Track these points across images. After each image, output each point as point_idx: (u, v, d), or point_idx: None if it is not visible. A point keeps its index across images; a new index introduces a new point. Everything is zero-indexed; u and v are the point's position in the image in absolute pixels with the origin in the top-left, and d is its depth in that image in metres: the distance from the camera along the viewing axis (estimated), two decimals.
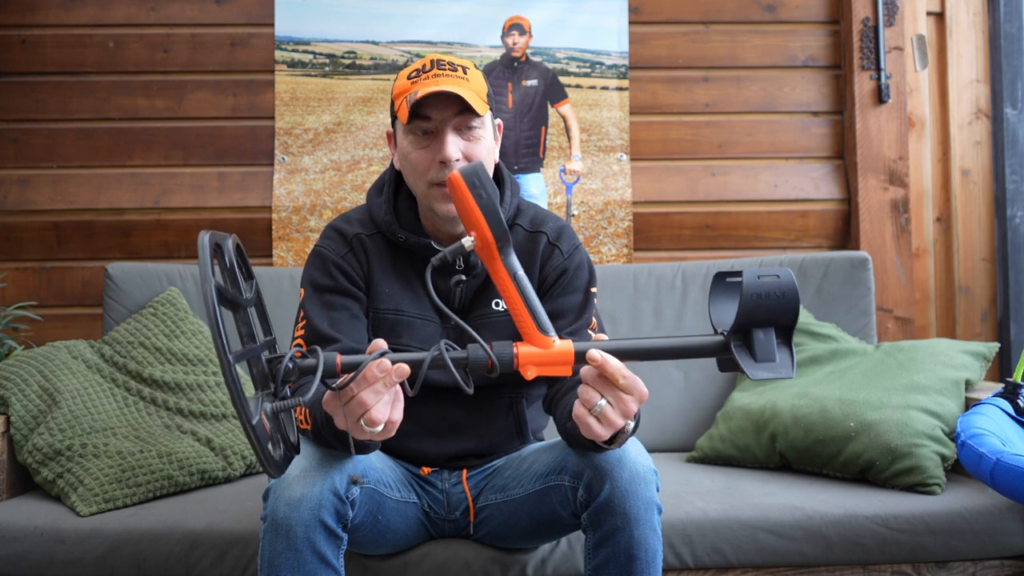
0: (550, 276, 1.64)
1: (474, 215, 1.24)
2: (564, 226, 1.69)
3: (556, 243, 1.66)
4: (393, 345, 1.58)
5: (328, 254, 1.61)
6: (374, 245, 1.63)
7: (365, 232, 1.63)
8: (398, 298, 1.61)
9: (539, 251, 1.65)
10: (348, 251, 1.62)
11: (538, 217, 1.69)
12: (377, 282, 1.61)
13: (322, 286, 1.59)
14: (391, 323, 1.60)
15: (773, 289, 1.18)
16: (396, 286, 1.62)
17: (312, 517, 1.36)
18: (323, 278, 1.60)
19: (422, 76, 1.52)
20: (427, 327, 1.61)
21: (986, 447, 1.64)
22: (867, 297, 2.49)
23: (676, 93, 2.82)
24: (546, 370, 1.25)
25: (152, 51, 2.73)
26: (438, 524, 1.68)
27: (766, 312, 1.19)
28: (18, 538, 1.79)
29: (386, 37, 2.77)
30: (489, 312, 1.62)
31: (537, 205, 1.73)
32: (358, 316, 1.59)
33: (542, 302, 1.59)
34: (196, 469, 2.01)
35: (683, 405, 2.43)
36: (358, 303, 1.60)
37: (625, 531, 1.40)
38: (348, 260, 1.61)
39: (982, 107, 2.91)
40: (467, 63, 1.57)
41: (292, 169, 2.72)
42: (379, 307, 1.61)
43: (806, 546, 1.82)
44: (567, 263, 1.65)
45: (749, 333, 1.22)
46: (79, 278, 2.68)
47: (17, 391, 2.04)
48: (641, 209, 2.76)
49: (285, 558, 1.36)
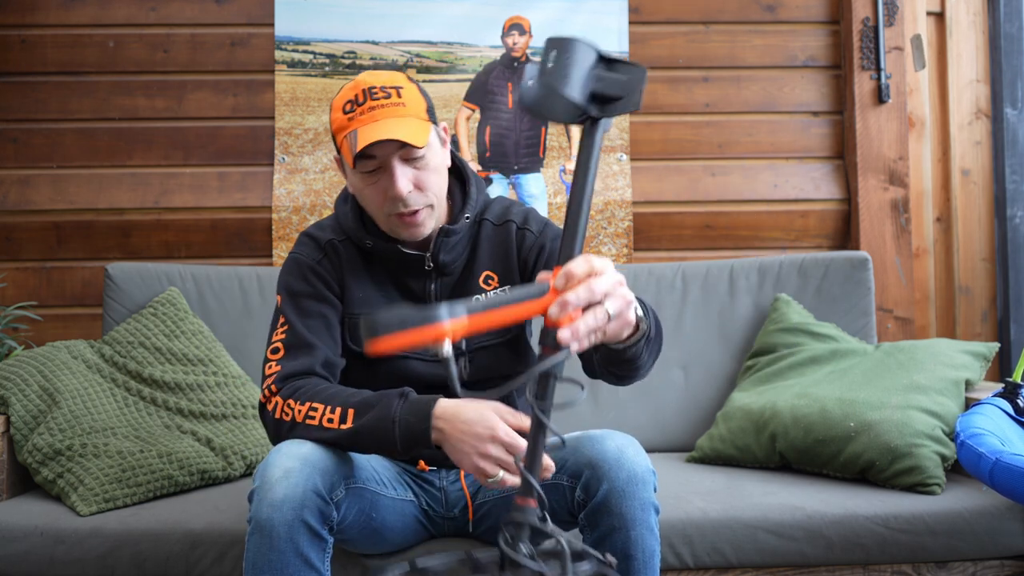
0: (530, 258, 1.66)
1: (418, 342, 1.14)
2: (529, 210, 1.72)
3: (525, 226, 1.68)
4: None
5: (304, 259, 1.63)
6: (346, 251, 1.64)
7: (337, 238, 1.65)
8: (372, 302, 1.63)
9: (512, 239, 1.67)
10: (323, 256, 1.64)
11: (504, 209, 1.71)
12: (351, 287, 1.63)
13: (298, 292, 1.61)
14: None
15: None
16: (369, 291, 1.63)
17: (295, 518, 1.35)
18: (299, 283, 1.61)
19: (357, 111, 1.52)
20: None
21: (985, 447, 1.64)
22: (867, 297, 2.49)
23: (676, 93, 2.82)
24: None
25: (152, 51, 2.73)
26: (437, 522, 1.68)
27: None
28: (18, 538, 1.79)
29: (386, 37, 2.77)
30: None
31: (504, 198, 1.75)
32: (332, 324, 1.61)
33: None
34: (196, 469, 2.01)
35: (683, 405, 2.43)
36: (333, 309, 1.62)
37: (622, 531, 1.40)
38: (323, 265, 1.63)
39: (982, 107, 2.91)
40: (400, 81, 1.55)
41: (292, 169, 2.72)
42: (354, 312, 1.62)
43: (806, 546, 1.82)
44: (542, 239, 1.67)
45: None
46: (79, 278, 2.68)
47: (17, 391, 2.04)
48: (641, 209, 2.76)
49: (268, 560, 1.36)
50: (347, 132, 1.52)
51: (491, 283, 1.66)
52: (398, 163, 1.51)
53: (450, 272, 1.65)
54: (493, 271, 1.67)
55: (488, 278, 1.66)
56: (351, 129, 1.51)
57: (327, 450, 1.44)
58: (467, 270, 1.66)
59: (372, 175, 1.54)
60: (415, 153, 1.52)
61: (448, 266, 1.64)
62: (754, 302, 2.50)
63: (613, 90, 1.08)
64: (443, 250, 1.62)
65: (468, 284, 1.65)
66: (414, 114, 1.53)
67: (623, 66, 1.08)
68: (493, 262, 1.67)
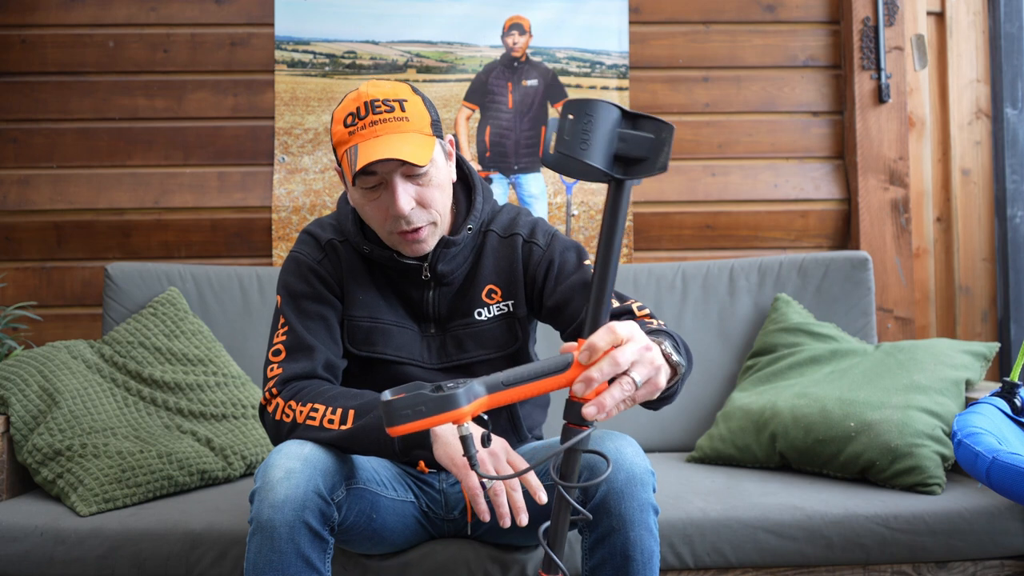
0: (538, 274, 1.63)
1: (437, 425, 1.12)
2: (537, 220, 1.68)
3: (532, 240, 1.64)
4: (369, 353, 1.60)
5: (304, 259, 1.62)
6: (347, 252, 1.63)
7: (337, 239, 1.64)
8: (372, 305, 1.61)
9: (518, 253, 1.64)
10: (323, 256, 1.62)
11: (511, 220, 1.67)
12: (351, 289, 1.62)
13: (299, 292, 1.60)
14: (366, 330, 1.61)
15: None
16: (370, 294, 1.62)
17: (296, 519, 1.35)
18: (299, 284, 1.60)
19: (359, 125, 1.48)
20: (404, 334, 1.62)
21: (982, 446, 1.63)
22: (867, 297, 2.49)
23: (676, 93, 2.81)
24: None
25: (152, 51, 2.73)
26: (437, 523, 1.67)
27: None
28: (18, 538, 1.79)
29: (386, 37, 2.77)
30: (472, 322, 1.62)
31: (512, 207, 1.71)
32: (333, 325, 1.60)
33: (544, 299, 1.62)
34: (196, 469, 2.01)
35: (683, 405, 2.43)
36: (333, 310, 1.61)
37: (621, 532, 1.40)
38: (324, 265, 1.62)
39: (982, 107, 2.91)
40: (404, 93, 1.52)
41: (292, 169, 2.72)
42: (354, 314, 1.61)
43: (806, 546, 1.82)
44: (549, 253, 1.63)
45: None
46: (79, 278, 2.68)
47: (17, 391, 2.04)
48: (641, 209, 2.76)
49: (269, 561, 1.35)
50: (348, 147, 1.49)
51: (494, 296, 1.64)
52: (400, 180, 1.48)
53: (449, 283, 1.63)
54: (497, 285, 1.64)
55: (491, 291, 1.64)
56: (351, 144, 1.48)
57: (328, 451, 1.44)
58: (469, 282, 1.64)
59: (373, 191, 1.51)
60: (417, 170, 1.49)
61: (446, 276, 1.62)
62: (754, 302, 2.50)
63: (638, 151, 1.03)
64: (442, 260, 1.60)
65: (470, 296, 1.63)
66: (417, 129, 1.49)
67: (648, 123, 1.03)
68: (497, 275, 1.64)
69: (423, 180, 1.50)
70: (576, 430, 1.06)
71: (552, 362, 1.07)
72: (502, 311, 1.63)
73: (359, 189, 1.52)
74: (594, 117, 1.02)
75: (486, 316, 1.62)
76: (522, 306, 1.64)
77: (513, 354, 1.66)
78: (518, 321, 1.64)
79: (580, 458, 1.09)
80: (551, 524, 1.10)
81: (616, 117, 1.04)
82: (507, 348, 1.64)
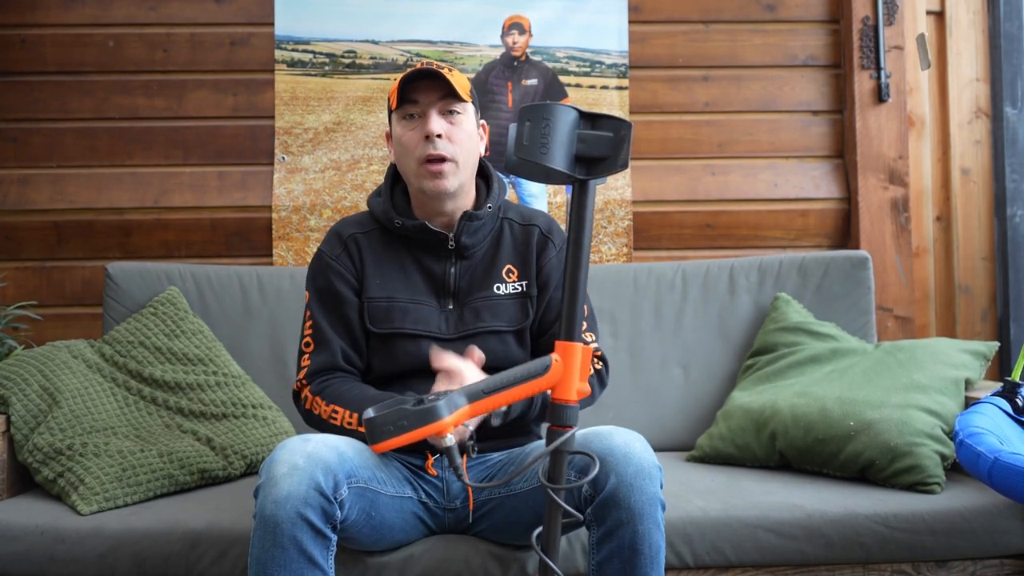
0: (545, 269, 1.78)
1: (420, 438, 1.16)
2: (552, 220, 1.84)
3: (549, 236, 1.80)
4: (389, 329, 1.73)
5: (324, 256, 1.78)
6: (368, 240, 1.77)
7: (360, 231, 1.78)
8: (391, 286, 1.74)
9: (533, 242, 1.79)
10: (342, 251, 1.77)
11: (525, 211, 1.84)
12: (370, 275, 1.75)
13: (321, 288, 1.76)
14: (384, 310, 1.73)
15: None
16: (389, 275, 1.74)
17: (297, 514, 1.39)
18: (321, 280, 1.76)
19: (410, 71, 1.68)
20: (421, 310, 1.73)
21: (984, 446, 1.64)
22: (867, 296, 2.49)
23: (676, 92, 2.82)
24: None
25: (152, 50, 2.73)
26: (437, 515, 1.68)
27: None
28: (19, 537, 1.79)
29: (386, 36, 2.77)
30: (491, 295, 1.75)
31: (513, 203, 1.88)
32: (351, 318, 1.74)
33: (543, 294, 1.77)
34: (196, 468, 2.01)
35: (683, 404, 2.43)
36: (351, 302, 1.75)
37: (629, 525, 1.41)
38: (341, 260, 1.76)
39: (982, 106, 2.91)
40: (453, 69, 1.72)
41: (292, 168, 2.72)
42: (372, 296, 1.74)
43: (806, 545, 1.82)
44: (561, 256, 1.79)
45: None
46: (79, 278, 2.68)
47: (17, 391, 2.04)
48: (641, 208, 2.76)
49: (272, 556, 1.39)
50: (397, 85, 1.67)
51: (512, 276, 1.77)
52: (436, 112, 1.67)
53: (470, 256, 1.76)
54: (514, 265, 1.78)
55: (509, 271, 1.77)
56: (401, 79, 1.67)
57: (331, 448, 1.47)
58: (489, 260, 1.77)
59: (411, 121, 1.68)
60: (453, 106, 1.68)
61: (468, 249, 1.75)
62: (754, 301, 2.50)
63: (598, 151, 1.04)
64: (466, 233, 1.73)
65: (491, 273, 1.76)
66: (459, 84, 1.68)
67: (607, 122, 1.04)
68: (515, 258, 1.78)
69: (455, 119, 1.69)
70: (560, 432, 1.07)
71: (531, 367, 1.08)
72: (517, 290, 1.77)
73: (400, 121, 1.70)
74: (552, 121, 1.04)
75: (504, 292, 1.75)
76: (533, 287, 1.78)
77: (521, 331, 1.76)
78: (529, 300, 1.77)
79: (566, 459, 1.09)
80: (543, 528, 1.11)
81: (574, 119, 1.05)
82: (518, 324, 1.75)
